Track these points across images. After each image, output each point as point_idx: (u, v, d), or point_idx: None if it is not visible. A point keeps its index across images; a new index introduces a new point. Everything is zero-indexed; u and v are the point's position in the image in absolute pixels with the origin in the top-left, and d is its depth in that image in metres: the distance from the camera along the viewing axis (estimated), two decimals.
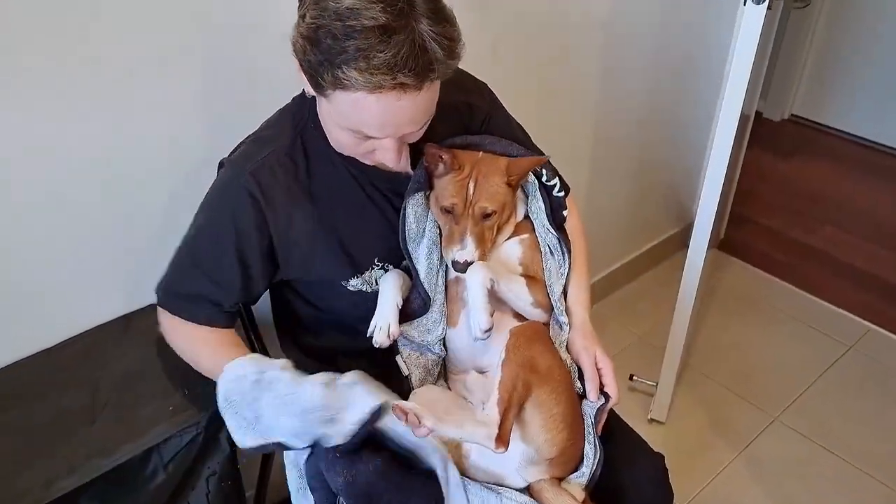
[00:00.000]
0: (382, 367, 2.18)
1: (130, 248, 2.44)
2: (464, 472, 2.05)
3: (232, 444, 2.09)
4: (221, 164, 2.13)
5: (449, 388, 2.22)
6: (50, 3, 2.01)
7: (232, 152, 2.12)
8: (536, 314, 2.16)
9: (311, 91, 1.84)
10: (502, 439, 1.87)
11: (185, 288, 2.13)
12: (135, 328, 2.45)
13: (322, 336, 2.31)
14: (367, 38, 1.62)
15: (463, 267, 2.02)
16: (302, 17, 1.72)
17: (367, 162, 2.01)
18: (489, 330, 1.98)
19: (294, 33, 1.75)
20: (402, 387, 2.15)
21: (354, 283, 2.14)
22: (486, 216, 2.06)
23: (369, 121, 1.76)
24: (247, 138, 2.12)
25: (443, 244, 2.10)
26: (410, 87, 1.68)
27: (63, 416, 2.13)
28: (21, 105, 2.07)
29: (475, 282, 1.99)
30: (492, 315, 1.99)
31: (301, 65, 1.77)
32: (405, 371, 2.15)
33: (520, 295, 2.12)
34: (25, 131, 2.11)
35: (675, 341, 3.70)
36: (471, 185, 2.04)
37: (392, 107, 1.72)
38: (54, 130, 2.16)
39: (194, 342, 2.16)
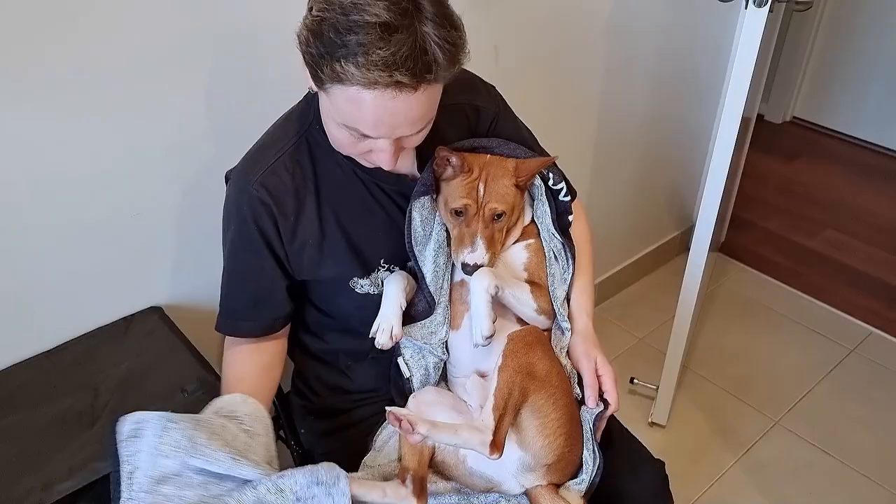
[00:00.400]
0: (384, 369, 2.20)
1: (131, 250, 2.44)
2: (460, 479, 2.06)
3: None
4: (228, 177, 2.13)
5: (449, 391, 2.21)
6: (51, 4, 2.01)
7: (239, 161, 2.12)
8: (540, 320, 2.15)
9: (313, 86, 1.83)
10: (496, 446, 1.86)
11: (239, 304, 2.16)
12: (135, 330, 2.45)
13: (325, 338, 2.31)
14: (367, 34, 1.61)
15: (473, 269, 2.01)
16: (310, 9, 1.72)
17: (364, 163, 2.00)
18: (491, 337, 1.98)
19: (300, 26, 1.75)
20: (402, 388, 2.17)
21: (363, 285, 2.14)
22: (497, 217, 2.06)
23: (365, 118, 1.74)
24: (252, 147, 2.11)
25: (452, 247, 2.09)
26: (406, 86, 1.67)
27: (63, 419, 2.13)
28: (22, 106, 2.07)
29: (479, 288, 1.99)
30: (494, 322, 1.99)
31: (304, 57, 1.76)
32: (406, 373, 2.15)
33: (524, 301, 2.11)
34: (26, 132, 2.10)
35: (676, 344, 3.70)
36: (481, 187, 2.04)
37: (387, 105, 1.71)
38: (55, 131, 2.15)
39: (234, 358, 2.19)
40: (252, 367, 2.14)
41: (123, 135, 2.28)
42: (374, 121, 1.75)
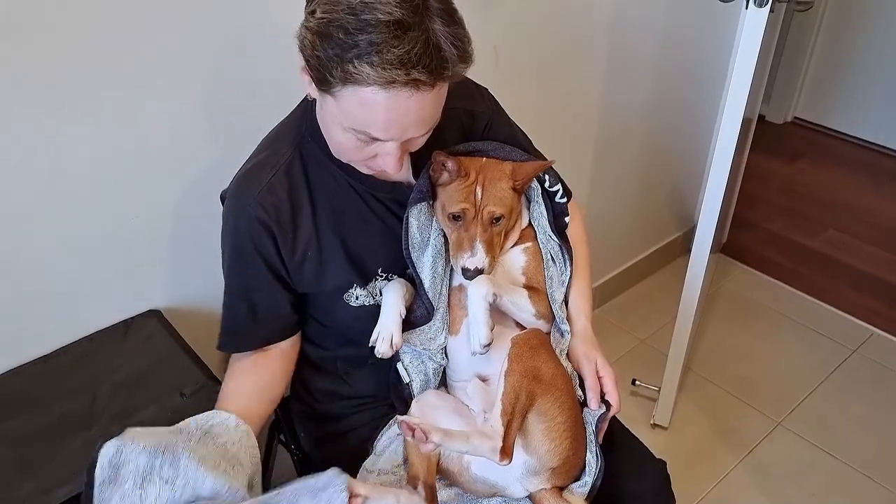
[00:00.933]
0: (383, 374, 2.19)
1: (129, 254, 2.44)
2: (464, 485, 2.05)
3: None
4: (223, 197, 2.11)
5: (450, 395, 2.20)
6: (51, 9, 2.00)
7: (233, 180, 2.09)
8: (539, 325, 2.14)
9: (313, 93, 1.82)
10: (506, 451, 1.86)
11: (241, 322, 2.13)
12: (133, 334, 2.44)
13: (324, 346, 2.30)
14: (380, 33, 1.60)
15: (473, 274, 2.00)
16: (311, 12, 1.69)
17: (365, 170, 1.99)
18: (489, 345, 1.98)
19: (301, 30, 1.72)
20: (402, 393, 2.16)
21: (359, 296, 2.12)
22: (496, 221, 2.05)
23: (377, 119, 1.72)
24: (245, 163, 2.09)
25: (451, 252, 2.08)
26: (424, 84, 1.66)
27: (61, 423, 2.12)
28: (21, 110, 2.07)
29: (477, 296, 1.98)
30: (492, 329, 1.98)
31: (307, 62, 1.74)
32: (406, 378, 2.15)
33: (522, 307, 2.10)
34: (26, 134, 2.10)
35: (677, 346, 3.69)
36: (478, 191, 2.02)
37: (402, 105, 1.69)
38: (55, 134, 2.15)
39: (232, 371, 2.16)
40: (250, 385, 2.10)
41: (125, 139, 2.28)
42: (385, 122, 1.73)
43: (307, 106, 2.04)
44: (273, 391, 2.15)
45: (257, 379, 2.11)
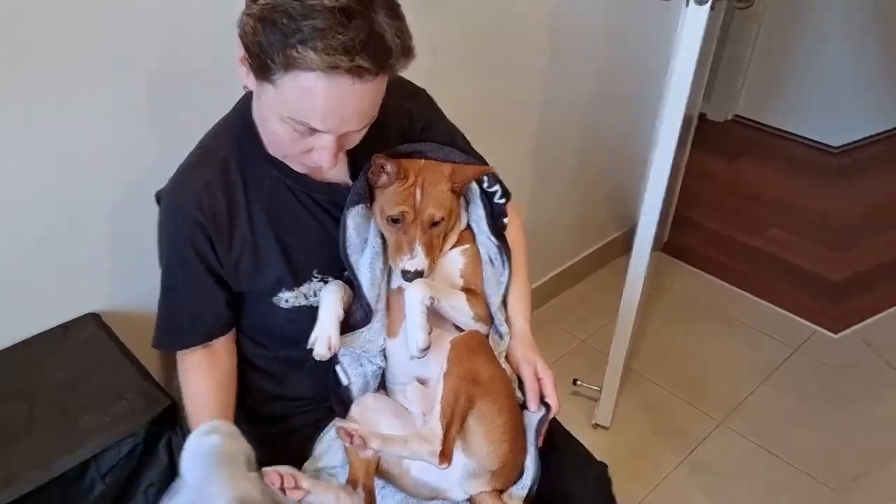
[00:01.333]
0: (322, 377, 2.18)
1: (66, 256, 2.41)
2: (405, 488, 2.05)
3: (171, 455, 2.07)
4: (158, 197, 2.09)
5: (389, 398, 2.20)
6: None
7: (170, 179, 2.07)
8: (477, 327, 2.14)
9: (251, 84, 1.82)
10: (445, 455, 1.86)
11: (177, 320, 2.12)
12: (72, 338, 2.41)
13: (264, 347, 2.27)
14: (325, 19, 1.61)
15: (414, 276, 2.00)
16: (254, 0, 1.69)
17: (300, 168, 2.00)
18: (426, 349, 1.97)
19: (242, 17, 1.73)
20: (342, 396, 2.15)
21: (288, 298, 2.11)
22: (435, 224, 2.05)
23: (316, 107, 1.72)
24: (183, 162, 2.08)
25: (390, 254, 2.08)
26: (367, 71, 1.67)
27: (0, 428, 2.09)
28: None
29: (414, 300, 1.98)
30: (430, 333, 1.98)
31: (247, 49, 1.74)
32: (345, 381, 2.14)
33: (460, 310, 2.10)
34: None
35: (618, 345, 3.71)
36: (417, 193, 2.02)
37: (343, 93, 1.69)
38: None
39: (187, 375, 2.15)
40: (211, 385, 2.11)
41: (58, 138, 2.24)
42: (325, 111, 1.73)
43: (245, 104, 2.04)
44: (231, 384, 2.18)
45: (216, 376, 2.13)
